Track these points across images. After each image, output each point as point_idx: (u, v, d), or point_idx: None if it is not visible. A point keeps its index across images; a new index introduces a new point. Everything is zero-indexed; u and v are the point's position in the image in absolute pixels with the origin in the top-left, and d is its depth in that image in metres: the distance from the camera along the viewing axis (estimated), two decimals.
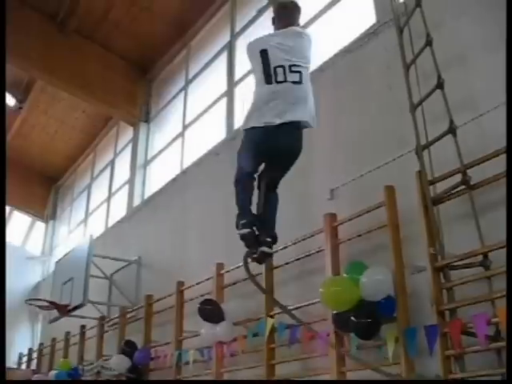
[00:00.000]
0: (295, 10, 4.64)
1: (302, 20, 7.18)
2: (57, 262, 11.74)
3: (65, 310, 9.93)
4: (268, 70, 4.15)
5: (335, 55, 6.86)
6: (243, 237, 4.31)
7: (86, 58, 11.99)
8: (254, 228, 4.32)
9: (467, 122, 4.86)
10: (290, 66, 4.06)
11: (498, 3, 4.68)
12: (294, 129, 4.09)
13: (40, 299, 11.20)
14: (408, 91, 5.13)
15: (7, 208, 16.64)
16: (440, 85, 4.74)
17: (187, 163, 9.89)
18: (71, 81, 11.92)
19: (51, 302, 10.26)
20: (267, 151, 4.18)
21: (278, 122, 4.02)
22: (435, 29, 5.16)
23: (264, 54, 4.21)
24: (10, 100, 14.42)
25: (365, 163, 5.88)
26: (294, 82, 4.04)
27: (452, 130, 4.57)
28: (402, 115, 5.18)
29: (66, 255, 11.18)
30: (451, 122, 4.57)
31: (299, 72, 4.06)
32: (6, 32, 9.65)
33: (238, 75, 9.10)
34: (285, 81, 4.06)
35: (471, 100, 5.06)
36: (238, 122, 8.54)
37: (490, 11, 5.07)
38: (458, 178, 4.50)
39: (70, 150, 16.15)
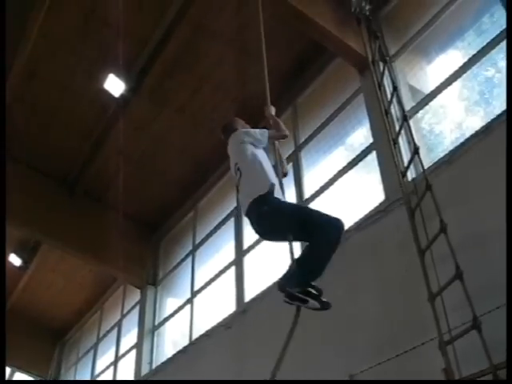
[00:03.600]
0: (224, 126, 5.13)
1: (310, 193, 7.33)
2: None
3: None
4: None
5: (346, 231, 6.77)
6: None
7: (92, 219, 12.00)
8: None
9: (491, 310, 4.66)
10: (235, 167, 4.66)
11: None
12: (253, 206, 4.32)
13: None
14: (425, 279, 4.97)
15: (9, 369, 16.21)
16: (459, 275, 4.57)
17: (197, 333, 9.61)
18: (77, 244, 11.87)
19: None
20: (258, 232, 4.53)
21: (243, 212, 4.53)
22: (449, 208, 5.10)
23: None
24: (16, 260, 14.37)
25: (384, 348, 5.63)
26: (239, 178, 4.57)
27: (476, 326, 4.34)
28: (421, 299, 4.98)
29: None
30: (475, 317, 4.34)
31: (238, 168, 4.59)
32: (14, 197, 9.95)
33: (246, 243, 9.02)
34: (237, 180, 4.64)
35: (493, 286, 4.87)
36: (249, 293, 8.39)
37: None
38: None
39: (76, 306, 15.88)
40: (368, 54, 7.36)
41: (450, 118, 6.76)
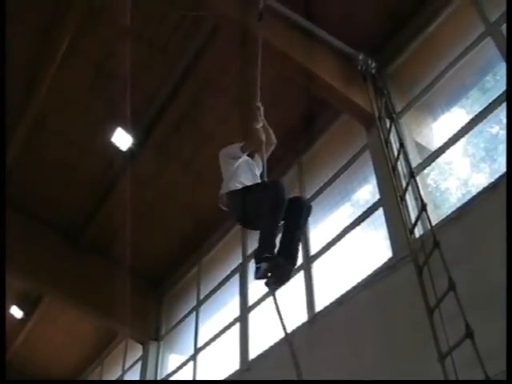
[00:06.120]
0: None
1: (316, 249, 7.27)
2: None
3: None
4: None
5: (354, 288, 6.70)
6: None
7: (96, 272, 11.91)
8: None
9: (503, 370, 4.53)
10: None
11: None
12: None
13: None
14: (434, 338, 4.86)
15: None
16: (469, 334, 4.47)
17: None
18: (79, 297, 11.76)
19: None
20: None
21: None
22: (457, 265, 5.02)
23: None
24: (18, 313, 14.24)
25: None
26: None
27: None
28: (430, 358, 4.86)
29: None
30: (487, 377, 4.23)
31: None
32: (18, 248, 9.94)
33: (251, 300, 8.91)
34: None
35: (504, 346, 4.76)
36: (253, 351, 8.24)
37: None
38: None
39: (76, 362, 15.62)
40: (374, 110, 7.42)
41: (456, 175, 6.76)
